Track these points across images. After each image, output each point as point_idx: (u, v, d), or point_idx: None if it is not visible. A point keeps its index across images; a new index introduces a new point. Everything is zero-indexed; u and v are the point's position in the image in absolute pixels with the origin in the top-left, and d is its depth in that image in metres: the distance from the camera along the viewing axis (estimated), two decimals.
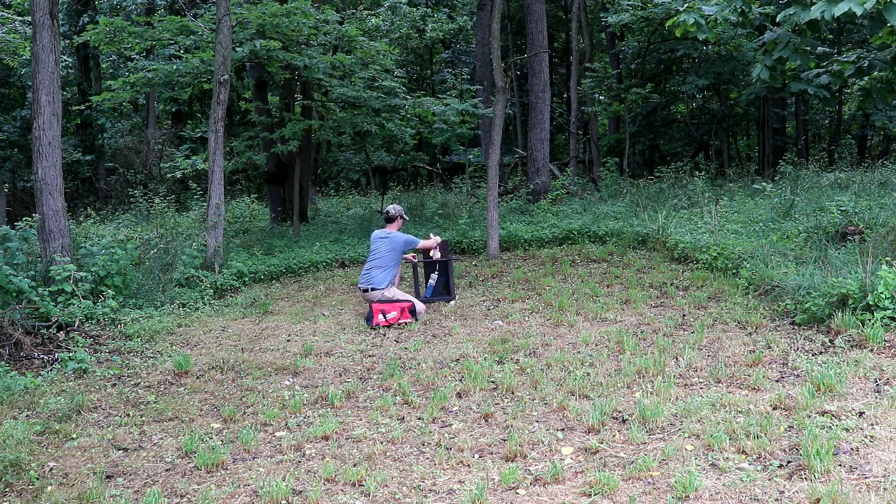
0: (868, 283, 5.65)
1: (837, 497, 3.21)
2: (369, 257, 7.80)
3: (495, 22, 10.39)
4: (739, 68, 17.76)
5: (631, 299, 7.40)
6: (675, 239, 9.39)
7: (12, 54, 15.92)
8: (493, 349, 6.02)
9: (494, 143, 10.52)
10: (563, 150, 23.36)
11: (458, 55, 26.03)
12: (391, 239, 7.77)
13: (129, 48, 13.09)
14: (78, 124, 22.07)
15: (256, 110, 13.44)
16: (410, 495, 3.59)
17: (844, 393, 4.44)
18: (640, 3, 15.94)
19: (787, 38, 7.09)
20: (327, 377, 5.57)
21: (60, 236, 7.74)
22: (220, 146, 9.64)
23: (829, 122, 24.43)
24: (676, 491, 3.41)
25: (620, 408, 4.51)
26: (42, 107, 7.65)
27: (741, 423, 4.07)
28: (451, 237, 11.04)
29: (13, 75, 20.57)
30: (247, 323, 7.46)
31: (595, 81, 18.02)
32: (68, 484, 3.87)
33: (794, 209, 10.52)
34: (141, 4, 19.95)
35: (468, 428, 4.40)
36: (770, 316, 6.32)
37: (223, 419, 4.76)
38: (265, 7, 11.29)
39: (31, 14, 7.72)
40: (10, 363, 5.88)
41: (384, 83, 12.84)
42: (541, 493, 3.52)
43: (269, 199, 14.58)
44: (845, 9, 5.63)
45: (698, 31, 7.35)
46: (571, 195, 14.82)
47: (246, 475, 3.90)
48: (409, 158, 17.54)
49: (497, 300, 7.93)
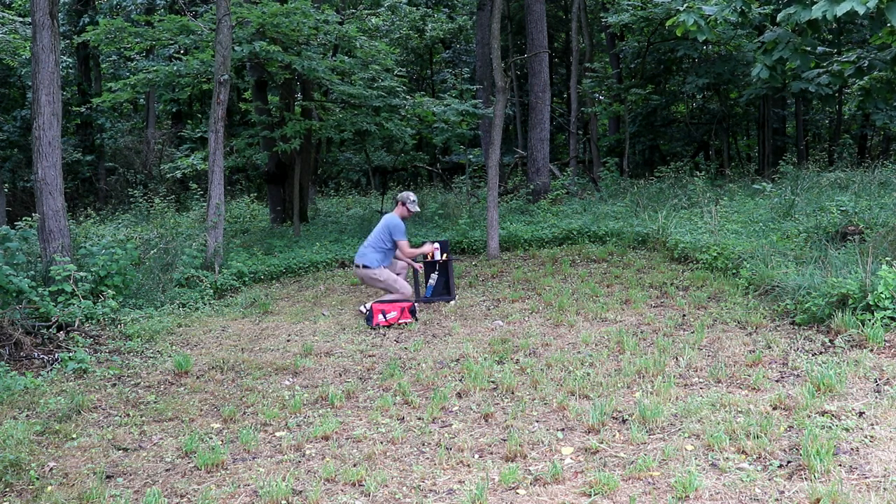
0: (868, 283, 5.65)
1: (837, 497, 3.21)
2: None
3: (495, 22, 10.39)
4: (739, 68, 17.76)
5: (631, 299, 7.40)
6: (675, 239, 9.39)
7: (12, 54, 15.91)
8: (493, 349, 6.02)
9: (494, 143, 10.52)
10: (563, 150, 23.35)
11: (458, 55, 26.03)
12: (384, 218, 7.93)
13: (129, 48, 13.10)
14: (78, 124, 22.06)
15: (256, 110, 13.43)
16: (410, 495, 3.59)
17: (844, 393, 4.44)
18: (640, 3, 15.93)
19: (787, 37, 7.08)
20: (327, 377, 5.57)
21: (60, 236, 7.74)
22: (220, 146, 9.64)
23: (829, 122, 24.42)
24: (676, 491, 3.41)
25: (620, 408, 4.51)
26: (42, 107, 7.65)
27: (741, 423, 4.07)
28: (451, 237, 11.05)
29: (13, 75, 20.57)
30: (247, 323, 7.46)
31: (595, 81, 18.02)
32: (68, 484, 3.87)
33: (794, 209, 10.52)
34: (141, 5, 19.96)
35: (468, 428, 4.40)
36: (770, 316, 6.32)
37: (223, 419, 4.76)
38: (265, 7, 11.29)
39: (31, 14, 7.72)
40: (10, 363, 5.88)
41: (384, 83, 12.85)
42: (541, 493, 3.52)
43: (269, 198, 14.58)
44: (847, 8, 5.61)
45: (698, 32, 7.34)
46: (571, 195, 14.82)
47: (246, 475, 3.90)
48: (409, 158, 17.55)
49: (497, 300, 7.93)
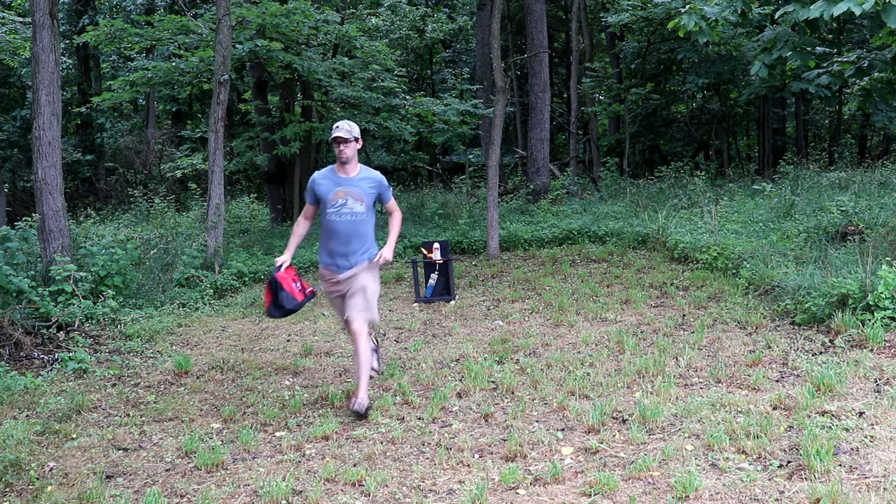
0: (868, 283, 5.65)
1: (837, 497, 3.21)
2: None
3: (495, 22, 10.39)
4: (739, 68, 17.75)
5: (631, 299, 7.40)
6: (675, 239, 9.39)
7: (12, 54, 15.90)
8: (493, 349, 6.02)
9: (494, 143, 10.52)
10: (563, 150, 23.34)
11: (458, 55, 26.02)
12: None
13: (129, 48, 13.11)
14: (78, 124, 22.06)
15: (256, 110, 13.44)
16: (410, 495, 3.59)
17: (844, 393, 4.43)
18: (640, 3, 15.93)
19: (786, 35, 7.08)
20: (327, 377, 5.57)
21: (60, 236, 7.74)
22: (220, 146, 9.64)
23: (829, 122, 24.40)
24: (676, 491, 3.40)
25: (620, 408, 4.51)
26: (42, 107, 7.65)
27: (741, 423, 4.07)
28: (451, 237, 11.04)
29: (13, 75, 20.56)
30: (247, 323, 7.46)
31: (595, 81, 18.02)
32: (68, 484, 3.87)
33: (794, 209, 10.52)
34: (141, 5, 19.96)
35: (468, 428, 4.40)
36: (770, 316, 6.32)
37: (223, 419, 4.76)
38: (265, 7, 11.29)
39: (31, 14, 7.72)
40: (10, 363, 5.88)
41: (384, 83, 12.85)
42: (541, 493, 3.52)
43: (269, 199, 14.58)
44: (844, 9, 5.64)
45: (700, 33, 7.34)
46: (571, 195, 14.82)
47: (246, 475, 3.90)
48: (409, 158, 17.55)
49: (497, 300, 7.93)
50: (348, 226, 4.76)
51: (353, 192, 4.78)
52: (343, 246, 4.78)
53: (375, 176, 4.92)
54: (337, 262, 4.82)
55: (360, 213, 4.79)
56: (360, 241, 4.81)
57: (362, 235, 4.81)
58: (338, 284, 4.87)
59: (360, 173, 4.88)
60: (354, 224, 4.78)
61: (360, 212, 4.79)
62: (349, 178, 4.83)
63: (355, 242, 4.79)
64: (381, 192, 4.91)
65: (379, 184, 4.90)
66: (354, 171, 4.87)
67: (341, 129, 4.75)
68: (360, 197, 4.79)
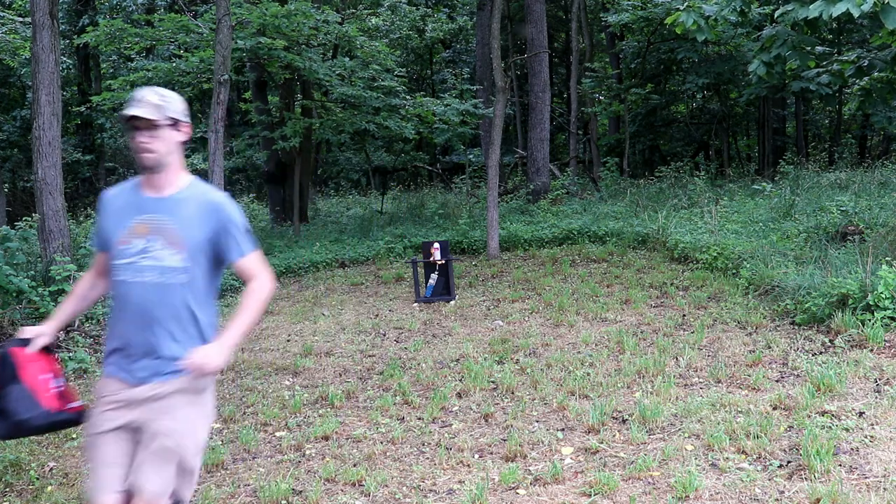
0: (868, 283, 5.65)
1: (837, 497, 3.21)
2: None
3: (495, 22, 10.39)
4: (739, 68, 17.74)
5: (631, 299, 7.40)
6: (675, 239, 9.39)
7: (12, 54, 15.91)
8: (493, 349, 6.02)
9: (494, 143, 10.52)
10: (563, 150, 23.34)
11: (458, 55, 26.01)
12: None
13: (129, 48, 13.11)
14: (78, 124, 22.05)
15: (256, 110, 13.45)
16: (410, 495, 3.59)
17: (844, 393, 4.43)
18: (640, 2, 15.93)
19: (785, 34, 7.08)
20: (327, 377, 5.57)
21: (60, 236, 7.73)
22: (220, 146, 9.63)
23: (829, 122, 24.41)
24: (676, 491, 3.40)
25: (620, 408, 4.51)
26: (42, 107, 7.64)
27: (741, 423, 4.07)
28: (451, 237, 11.04)
29: (13, 75, 20.55)
30: None
31: (595, 81, 18.01)
32: (68, 484, 3.87)
33: (794, 209, 10.52)
34: (141, 5, 19.96)
35: (468, 428, 4.40)
36: (770, 316, 6.32)
37: (223, 419, 4.76)
38: (265, 8, 11.29)
39: (31, 14, 7.71)
40: None
41: (384, 83, 12.85)
42: (541, 493, 3.52)
43: (268, 198, 14.60)
44: (843, 9, 5.64)
45: (698, 31, 7.34)
46: (571, 195, 14.82)
47: (246, 475, 3.90)
48: (409, 158, 17.55)
49: (497, 300, 7.93)
50: (152, 293, 2.50)
51: (163, 227, 2.54)
52: (140, 333, 2.51)
53: (215, 200, 2.61)
54: (128, 364, 2.53)
55: (173, 271, 2.52)
56: (176, 325, 2.53)
57: (179, 315, 2.53)
58: (123, 409, 2.52)
59: (185, 191, 2.60)
60: (163, 291, 2.51)
61: (175, 267, 2.52)
62: (160, 200, 2.58)
63: (165, 328, 2.51)
64: (219, 235, 2.59)
65: (218, 215, 2.59)
66: (172, 187, 2.60)
67: (143, 102, 2.50)
68: (175, 238, 2.53)
